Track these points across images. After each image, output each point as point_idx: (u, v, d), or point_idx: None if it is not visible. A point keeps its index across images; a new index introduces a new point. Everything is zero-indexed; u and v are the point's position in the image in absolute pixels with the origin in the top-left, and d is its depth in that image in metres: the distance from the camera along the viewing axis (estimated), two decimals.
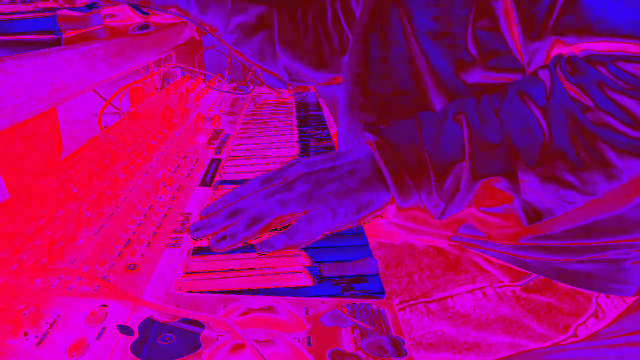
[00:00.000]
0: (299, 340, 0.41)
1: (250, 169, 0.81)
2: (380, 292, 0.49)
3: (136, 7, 0.90)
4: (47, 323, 0.43)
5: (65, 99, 0.54)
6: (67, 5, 0.80)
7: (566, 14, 0.52)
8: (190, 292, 0.50)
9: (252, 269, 0.53)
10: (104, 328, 0.43)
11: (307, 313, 0.45)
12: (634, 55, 0.49)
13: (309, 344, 0.41)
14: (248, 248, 0.57)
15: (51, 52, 0.51)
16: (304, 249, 0.56)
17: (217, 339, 0.41)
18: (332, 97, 1.52)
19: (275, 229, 0.56)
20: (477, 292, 0.69)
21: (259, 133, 1.01)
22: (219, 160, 0.84)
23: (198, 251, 0.57)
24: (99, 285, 0.48)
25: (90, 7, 0.77)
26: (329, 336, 0.42)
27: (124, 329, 0.42)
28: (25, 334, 0.42)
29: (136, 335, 0.42)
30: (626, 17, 0.49)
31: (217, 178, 0.76)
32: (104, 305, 0.45)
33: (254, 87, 1.38)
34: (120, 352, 0.40)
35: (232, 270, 0.53)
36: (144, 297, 0.47)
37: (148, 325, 0.43)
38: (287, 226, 0.56)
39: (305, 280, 0.52)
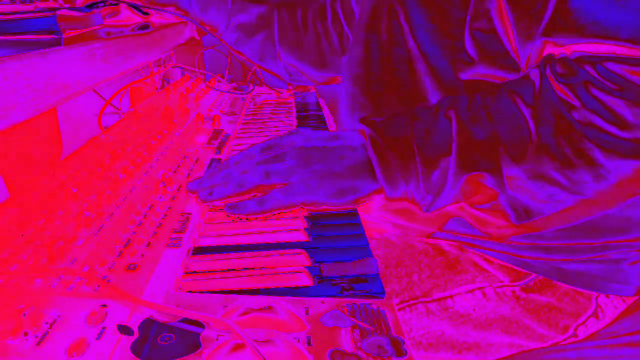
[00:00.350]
0: (299, 340, 0.41)
1: None
2: (380, 292, 0.49)
3: (136, 7, 0.90)
4: (47, 323, 0.43)
5: (65, 99, 0.54)
6: (67, 5, 0.80)
7: (557, 16, 0.53)
8: (190, 292, 0.50)
9: (252, 269, 0.53)
10: (104, 328, 0.43)
11: (307, 313, 0.45)
12: (621, 56, 0.49)
13: (309, 344, 0.41)
14: (248, 248, 0.58)
15: (51, 52, 0.51)
16: (304, 248, 0.57)
17: (217, 339, 0.41)
18: (332, 97, 1.52)
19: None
20: (477, 292, 0.69)
21: (259, 133, 1.01)
22: (219, 160, 0.84)
23: (198, 251, 0.57)
24: (99, 285, 0.48)
25: (90, 7, 0.77)
26: (329, 336, 0.42)
27: (124, 329, 0.42)
28: (25, 334, 0.42)
29: (136, 335, 0.42)
30: (615, 21, 0.49)
31: None
32: (104, 305, 0.45)
33: (254, 87, 1.38)
34: (120, 352, 0.40)
35: (232, 270, 0.53)
36: (144, 297, 0.47)
37: (148, 325, 0.43)
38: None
39: (305, 280, 0.52)
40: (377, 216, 0.77)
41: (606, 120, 0.49)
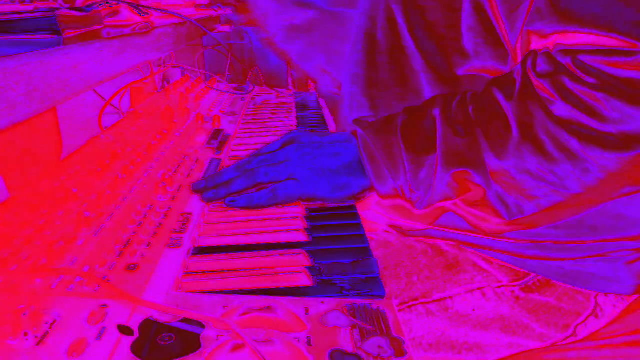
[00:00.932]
0: (299, 340, 0.41)
1: None
2: (380, 293, 0.49)
3: (136, 7, 0.90)
4: (47, 323, 0.43)
5: (65, 99, 0.54)
6: (67, 5, 0.80)
7: (537, 4, 0.53)
8: (190, 292, 0.50)
9: (252, 269, 0.53)
10: (104, 328, 0.43)
11: (307, 313, 0.45)
12: (599, 47, 0.49)
13: (309, 344, 0.41)
14: (248, 248, 0.58)
15: (51, 52, 0.51)
16: (304, 249, 0.57)
17: (217, 339, 0.41)
18: (332, 97, 1.51)
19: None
20: (476, 293, 0.69)
21: (259, 133, 1.01)
22: (219, 160, 0.84)
23: (198, 251, 0.57)
24: (99, 285, 0.48)
25: (90, 7, 0.77)
26: (329, 336, 0.42)
27: (124, 329, 0.42)
28: (25, 334, 0.42)
29: (136, 335, 0.42)
30: (590, 8, 0.49)
31: None
32: (104, 305, 0.45)
33: (254, 87, 1.38)
34: (120, 352, 0.40)
35: (232, 270, 0.53)
36: (144, 297, 0.47)
37: (148, 325, 0.43)
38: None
39: (305, 280, 0.52)
40: (374, 212, 0.77)
41: (585, 113, 0.49)
